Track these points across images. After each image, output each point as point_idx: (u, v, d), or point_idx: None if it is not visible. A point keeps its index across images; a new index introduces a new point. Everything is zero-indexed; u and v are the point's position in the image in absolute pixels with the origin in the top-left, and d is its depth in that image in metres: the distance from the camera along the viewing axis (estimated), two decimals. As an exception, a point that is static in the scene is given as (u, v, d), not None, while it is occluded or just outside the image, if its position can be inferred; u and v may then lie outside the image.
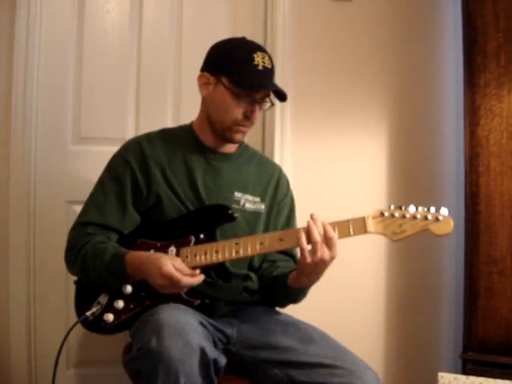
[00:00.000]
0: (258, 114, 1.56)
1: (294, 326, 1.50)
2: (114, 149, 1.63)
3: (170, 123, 2.07)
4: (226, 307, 1.54)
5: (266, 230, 1.62)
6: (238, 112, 1.52)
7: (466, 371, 1.97)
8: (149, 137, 1.62)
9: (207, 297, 1.48)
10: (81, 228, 1.54)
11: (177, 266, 1.36)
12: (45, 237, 2.03)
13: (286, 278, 1.46)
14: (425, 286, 2.26)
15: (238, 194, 1.59)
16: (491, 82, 1.97)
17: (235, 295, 1.56)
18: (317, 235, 1.34)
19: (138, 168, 1.55)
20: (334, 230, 1.36)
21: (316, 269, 1.37)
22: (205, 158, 1.60)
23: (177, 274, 1.34)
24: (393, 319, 2.27)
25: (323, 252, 1.34)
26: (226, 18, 2.18)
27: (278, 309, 1.66)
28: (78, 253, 1.50)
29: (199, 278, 1.38)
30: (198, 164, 1.58)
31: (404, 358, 2.27)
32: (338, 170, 2.22)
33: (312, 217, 1.37)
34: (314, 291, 1.51)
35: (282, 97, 1.56)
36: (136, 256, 1.43)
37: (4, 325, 2.02)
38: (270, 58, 1.55)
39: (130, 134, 2.02)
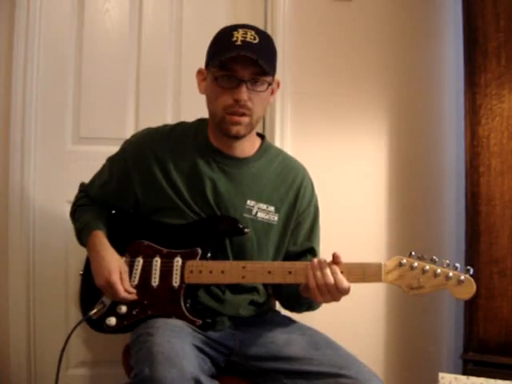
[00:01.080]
0: (250, 96, 1.40)
1: (297, 333, 1.47)
2: (113, 149, 1.63)
3: (169, 123, 2.06)
4: (229, 321, 1.50)
5: (281, 242, 1.53)
6: (226, 97, 1.40)
7: (466, 371, 1.96)
8: (161, 133, 1.55)
9: (210, 314, 1.46)
10: (80, 189, 1.72)
11: (123, 278, 1.45)
12: (44, 236, 2.03)
13: (297, 287, 1.41)
14: (425, 286, 2.26)
15: (250, 203, 1.50)
16: (492, 81, 1.97)
17: (241, 309, 1.51)
18: (323, 286, 1.31)
19: (136, 168, 1.52)
20: (346, 271, 1.31)
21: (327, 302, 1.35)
22: (216, 162, 1.51)
23: (119, 287, 1.43)
24: (393, 319, 2.27)
25: (334, 296, 1.32)
26: (226, 18, 2.17)
27: (280, 314, 1.65)
28: (74, 204, 1.69)
29: (133, 297, 1.45)
30: (209, 169, 1.50)
31: (405, 359, 2.27)
32: (338, 169, 2.22)
33: (320, 264, 1.32)
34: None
35: (263, 69, 1.37)
36: (98, 243, 1.50)
37: (4, 326, 2.01)
38: (259, 33, 1.41)
39: (129, 134, 1.99)
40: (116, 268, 1.45)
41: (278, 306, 1.75)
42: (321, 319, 1.65)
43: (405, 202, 2.27)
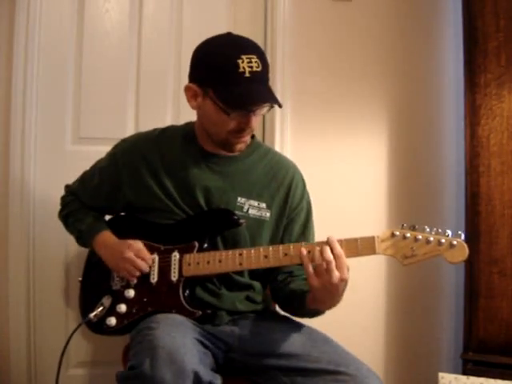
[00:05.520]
0: (256, 121, 1.43)
1: (296, 330, 1.47)
2: (113, 149, 1.63)
3: (169, 123, 2.05)
4: (228, 316, 1.51)
5: (274, 238, 1.54)
6: (231, 125, 1.41)
7: (466, 371, 1.96)
8: (150, 136, 1.58)
9: (209, 307, 1.47)
10: (68, 190, 1.73)
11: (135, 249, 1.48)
12: (44, 237, 2.03)
13: (304, 297, 1.39)
14: (425, 286, 2.26)
15: (241, 200, 1.51)
16: (492, 81, 1.97)
17: (237, 303, 1.52)
18: (318, 256, 1.29)
19: (126, 171, 1.54)
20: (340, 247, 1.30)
21: (327, 294, 1.30)
22: (205, 162, 1.52)
23: (136, 258, 1.47)
24: (393, 319, 2.27)
25: (331, 274, 1.28)
26: (226, 18, 2.18)
27: (279, 313, 1.64)
28: (64, 207, 1.70)
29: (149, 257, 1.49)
30: (198, 169, 1.51)
31: (404, 358, 2.27)
32: (338, 169, 2.22)
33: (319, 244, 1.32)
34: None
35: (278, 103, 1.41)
36: (106, 239, 1.55)
37: (4, 326, 2.01)
38: (260, 57, 1.38)
39: (129, 134, 2.01)
40: (129, 243, 1.49)
41: (277, 307, 1.75)
42: (320, 319, 1.64)
43: (404, 202, 2.27)
